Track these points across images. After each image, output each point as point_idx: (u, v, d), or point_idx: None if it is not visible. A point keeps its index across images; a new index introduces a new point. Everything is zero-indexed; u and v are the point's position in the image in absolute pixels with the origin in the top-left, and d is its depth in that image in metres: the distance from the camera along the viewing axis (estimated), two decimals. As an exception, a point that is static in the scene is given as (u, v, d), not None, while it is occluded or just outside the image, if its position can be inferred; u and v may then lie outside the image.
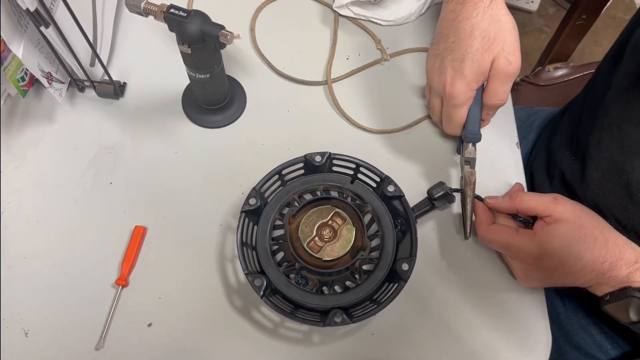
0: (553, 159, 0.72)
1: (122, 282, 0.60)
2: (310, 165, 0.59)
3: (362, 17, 0.76)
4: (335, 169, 0.61)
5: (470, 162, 0.62)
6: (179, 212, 0.64)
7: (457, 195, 0.64)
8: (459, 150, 0.64)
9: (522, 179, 0.67)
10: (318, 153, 0.59)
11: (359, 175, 0.61)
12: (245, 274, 0.55)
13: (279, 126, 0.70)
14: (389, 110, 0.71)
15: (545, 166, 0.73)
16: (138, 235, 0.62)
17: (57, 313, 0.60)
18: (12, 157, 0.67)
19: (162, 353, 0.58)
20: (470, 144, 0.62)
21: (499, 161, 0.68)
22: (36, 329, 0.59)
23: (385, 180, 0.58)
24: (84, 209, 0.64)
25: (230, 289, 0.61)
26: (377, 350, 0.59)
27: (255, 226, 0.58)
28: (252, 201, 0.57)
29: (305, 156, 0.59)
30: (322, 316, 0.55)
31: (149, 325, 0.59)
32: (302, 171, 0.61)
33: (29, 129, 0.68)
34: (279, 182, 0.61)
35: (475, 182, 0.61)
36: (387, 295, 0.55)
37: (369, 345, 0.59)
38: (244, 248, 0.56)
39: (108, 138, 0.68)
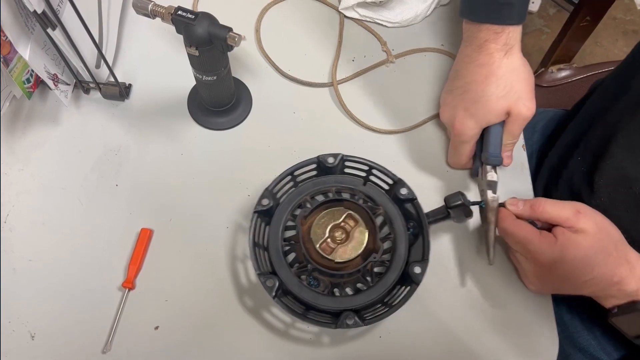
0: (561, 161, 0.72)
1: (128, 285, 0.60)
2: (323, 166, 0.59)
3: (368, 19, 0.75)
4: (347, 170, 0.61)
5: (492, 186, 0.60)
6: (185, 214, 0.64)
7: (475, 210, 0.61)
8: (477, 173, 0.64)
9: (528, 182, 0.67)
10: (331, 154, 0.59)
11: (371, 178, 0.60)
12: (257, 275, 0.54)
13: (285, 128, 0.69)
14: (396, 111, 0.71)
15: (553, 168, 0.73)
16: (144, 238, 0.62)
17: (63, 316, 0.59)
18: (17, 160, 0.67)
19: (169, 356, 0.58)
20: (492, 167, 0.61)
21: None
22: (42, 332, 0.59)
23: (398, 182, 0.58)
24: (90, 211, 0.64)
25: (238, 289, 0.61)
26: (384, 352, 0.59)
27: (267, 227, 0.58)
28: (265, 201, 0.57)
29: (317, 157, 0.59)
30: (333, 318, 0.55)
31: (156, 328, 0.59)
32: (314, 172, 0.61)
33: (33, 131, 0.68)
34: (291, 183, 0.61)
35: (498, 207, 0.59)
36: (399, 298, 0.55)
37: (376, 347, 0.59)
38: (256, 248, 0.56)
39: (113, 140, 0.68)
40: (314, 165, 0.60)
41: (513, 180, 0.67)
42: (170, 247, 0.63)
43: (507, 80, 0.60)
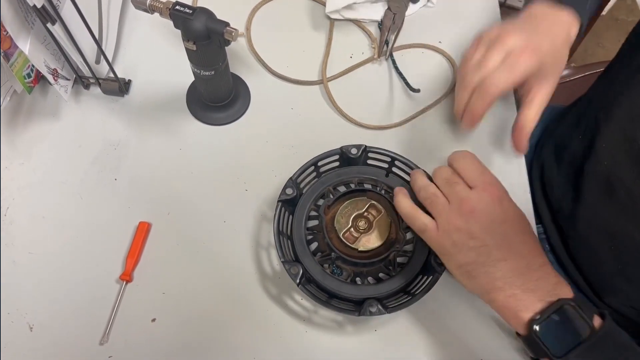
0: (561, 143, 0.72)
1: (126, 277, 0.60)
2: (346, 157, 0.60)
3: (352, 19, 0.76)
4: (369, 162, 0.62)
5: None
6: (182, 208, 0.65)
7: None
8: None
9: (524, 177, 0.67)
10: (354, 145, 0.59)
11: (394, 169, 0.61)
12: (282, 262, 0.55)
13: (283, 124, 0.70)
14: (385, 107, 0.71)
15: (554, 152, 0.74)
16: (142, 231, 0.62)
17: (61, 308, 0.60)
18: (17, 154, 0.67)
19: (166, 348, 0.58)
20: None
21: (501, 159, 0.68)
22: (41, 324, 0.59)
23: None
24: (89, 205, 0.65)
25: (231, 282, 0.61)
26: (380, 346, 0.59)
27: (290, 216, 0.59)
28: (289, 191, 0.58)
29: (341, 148, 0.60)
30: (356, 306, 0.55)
31: (153, 320, 0.59)
32: (337, 163, 0.62)
33: (34, 126, 0.69)
34: (314, 174, 0.61)
35: None
36: (422, 288, 0.55)
37: (384, 339, 0.60)
38: (280, 237, 0.57)
39: (113, 135, 0.69)
40: (336, 156, 0.61)
41: (510, 173, 0.67)
42: (167, 240, 0.63)
43: None
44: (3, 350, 0.58)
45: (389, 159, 0.61)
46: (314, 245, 0.60)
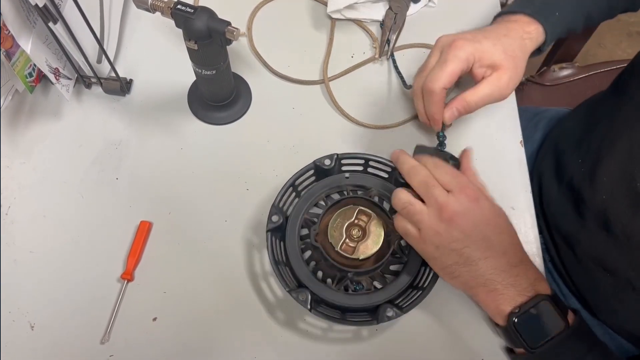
0: (562, 162, 0.72)
1: (127, 276, 0.60)
2: (320, 170, 0.59)
3: (353, 19, 0.76)
4: (344, 168, 0.61)
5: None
6: (184, 207, 0.65)
7: None
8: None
9: (525, 177, 0.67)
10: (327, 157, 0.59)
11: (369, 170, 0.61)
12: (288, 291, 0.54)
13: (284, 123, 0.70)
14: (386, 107, 0.71)
15: (554, 168, 0.73)
16: (143, 230, 0.62)
17: (62, 307, 0.60)
18: (19, 153, 0.67)
19: (167, 347, 0.59)
20: None
21: (503, 159, 0.68)
22: (42, 323, 0.59)
23: (396, 168, 0.58)
24: (90, 204, 0.65)
25: (232, 282, 0.61)
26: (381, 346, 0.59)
27: (281, 242, 0.58)
28: (275, 218, 0.56)
29: (314, 162, 0.59)
30: (371, 314, 0.55)
31: (154, 319, 0.59)
32: (313, 178, 0.61)
33: (35, 125, 0.69)
34: (294, 194, 0.61)
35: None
36: (429, 279, 0.55)
37: (385, 338, 0.59)
38: (279, 266, 0.55)
39: (114, 134, 0.69)
40: (312, 171, 0.60)
41: (512, 175, 0.67)
42: (169, 239, 0.63)
43: None
44: (4, 349, 0.58)
45: (362, 161, 0.60)
46: (308, 256, 0.60)
